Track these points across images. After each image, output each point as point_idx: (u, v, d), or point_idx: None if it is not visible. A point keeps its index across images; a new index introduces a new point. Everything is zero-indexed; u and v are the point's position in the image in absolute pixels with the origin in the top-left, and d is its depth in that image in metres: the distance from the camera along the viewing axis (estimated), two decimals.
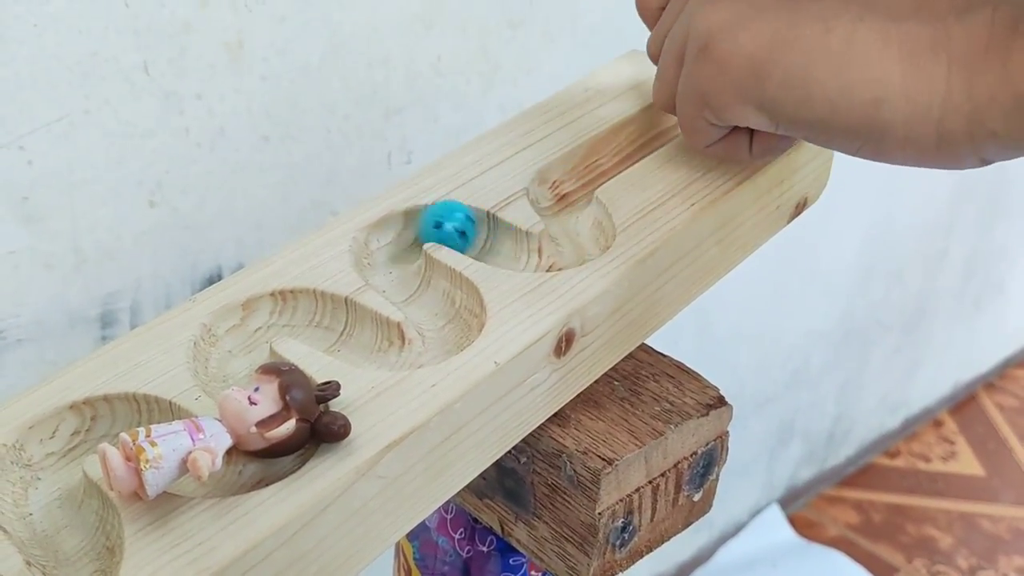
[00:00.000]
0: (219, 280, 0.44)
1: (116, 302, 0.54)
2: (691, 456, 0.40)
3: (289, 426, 0.30)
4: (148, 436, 0.28)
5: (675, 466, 0.39)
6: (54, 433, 0.33)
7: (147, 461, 0.28)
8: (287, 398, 0.30)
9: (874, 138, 0.33)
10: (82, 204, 0.51)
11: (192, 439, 0.29)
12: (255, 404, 0.30)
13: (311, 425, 0.30)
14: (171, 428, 0.29)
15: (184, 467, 0.29)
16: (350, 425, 0.30)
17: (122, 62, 0.49)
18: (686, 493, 0.41)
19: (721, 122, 0.37)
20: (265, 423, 0.30)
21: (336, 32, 0.56)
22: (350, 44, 0.57)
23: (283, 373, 0.30)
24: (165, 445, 0.28)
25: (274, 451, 0.30)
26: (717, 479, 0.42)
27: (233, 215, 0.56)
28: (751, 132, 0.39)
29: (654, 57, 0.42)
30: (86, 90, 0.49)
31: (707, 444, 0.40)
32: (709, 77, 0.36)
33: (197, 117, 0.53)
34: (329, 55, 0.56)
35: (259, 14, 0.53)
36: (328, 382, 0.32)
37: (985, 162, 0.32)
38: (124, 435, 0.28)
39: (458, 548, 0.44)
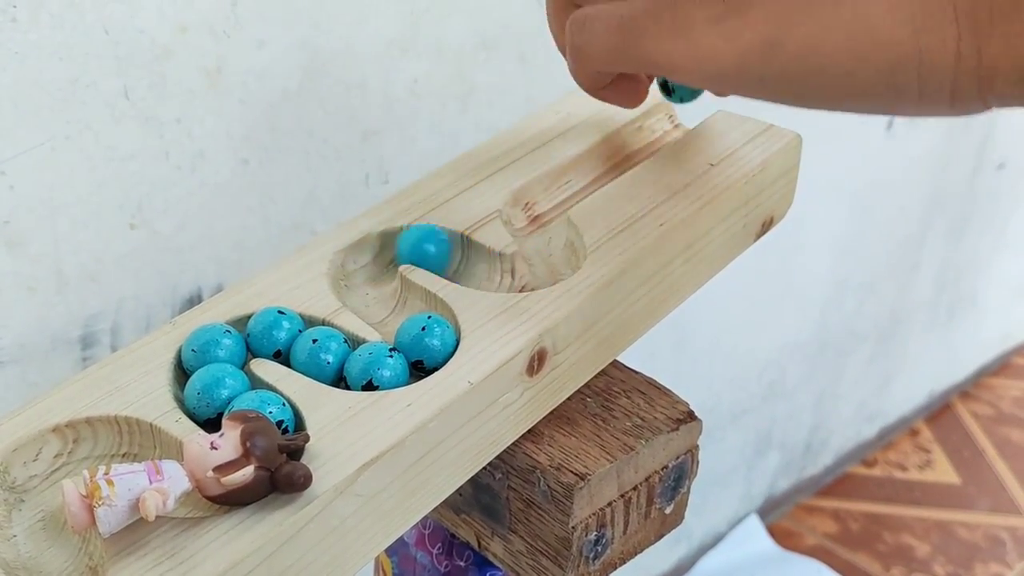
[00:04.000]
0: (199, 302, 0.45)
1: (97, 324, 0.54)
2: (662, 470, 0.41)
3: (246, 473, 0.29)
4: (107, 474, 0.29)
5: (646, 480, 0.40)
6: (37, 455, 0.33)
7: (101, 499, 0.28)
8: (247, 445, 0.30)
9: (888, 101, 0.33)
10: (64, 228, 0.51)
11: (150, 480, 0.29)
12: (216, 449, 0.30)
13: (272, 475, 0.30)
14: (132, 468, 0.29)
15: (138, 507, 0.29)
16: (311, 476, 0.30)
17: (102, 88, 0.50)
18: (658, 506, 0.42)
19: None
20: (222, 468, 0.29)
21: (314, 57, 0.57)
22: (328, 68, 0.58)
23: (248, 420, 0.30)
24: (121, 484, 0.29)
25: (232, 498, 0.30)
26: (688, 492, 0.43)
27: (213, 237, 0.57)
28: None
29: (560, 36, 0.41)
30: (67, 115, 0.49)
31: (678, 458, 0.42)
32: (592, 38, 0.36)
33: (177, 141, 0.54)
34: (307, 79, 0.57)
35: (237, 40, 0.54)
36: (297, 433, 0.32)
37: (990, 109, 0.33)
38: (85, 471, 0.29)
39: (436, 563, 0.45)
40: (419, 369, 0.36)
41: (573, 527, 0.38)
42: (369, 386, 0.35)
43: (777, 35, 0.33)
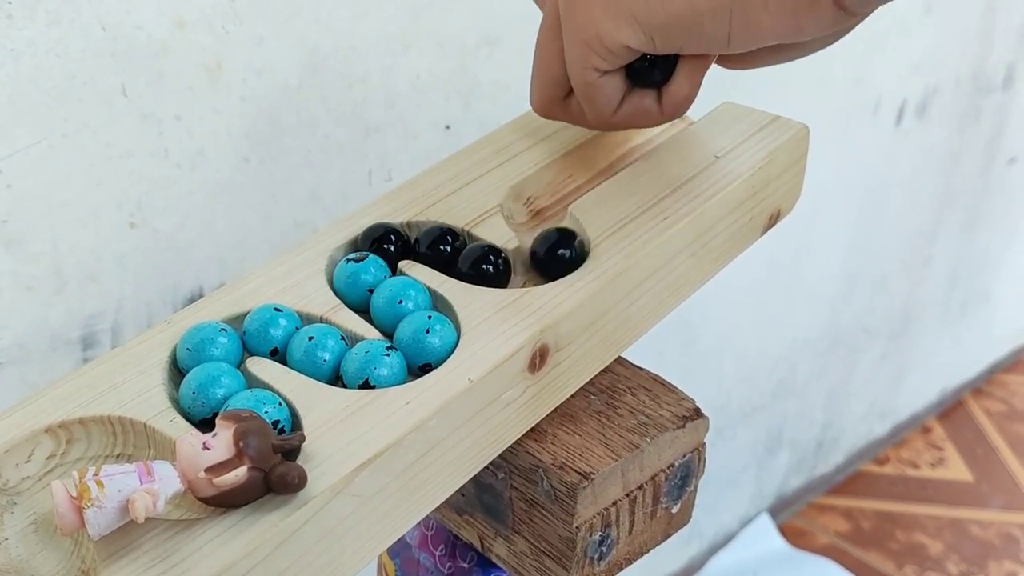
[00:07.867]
0: None
1: (97, 324, 0.54)
2: (668, 468, 0.40)
3: (239, 474, 0.29)
4: (97, 475, 0.28)
5: (652, 479, 0.40)
6: (29, 457, 0.33)
7: (90, 500, 0.28)
8: (240, 445, 0.29)
9: (738, 9, 0.34)
10: (62, 226, 0.51)
11: (140, 481, 0.28)
12: (208, 449, 0.29)
13: (266, 475, 0.29)
14: (122, 469, 0.28)
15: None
16: (306, 477, 0.29)
17: (100, 85, 0.50)
18: (664, 505, 0.41)
19: (609, 58, 0.38)
20: (215, 469, 0.29)
21: (315, 52, 0.57)
22: (329, 64, 0.57)
23: (242, 420, 0.29)
24: (111, 485, 0.28)
25: (226, 500, 0.29)
26: (696, 490, 0.42)
27: (214, 236, 0.57)
28: (657, 89, 0.41)
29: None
30: (64, 113, 0.49)
31: (684, 456, 0.41)
32: (583, 14, 0.37)
33: (176, 138, 0.53)
34: (308, 75, 0.57)
35: (237, 36, 0.53)
36: (293, 433, 0.31)
37: (847, 12, 0.33)
38: (75, 472, 0.28)
39: (439, 565, 0.45)
40: (421, 369, 0.35)
41: (577, 527, 0.37)
42: (366, 385, 0.34)
43: None
